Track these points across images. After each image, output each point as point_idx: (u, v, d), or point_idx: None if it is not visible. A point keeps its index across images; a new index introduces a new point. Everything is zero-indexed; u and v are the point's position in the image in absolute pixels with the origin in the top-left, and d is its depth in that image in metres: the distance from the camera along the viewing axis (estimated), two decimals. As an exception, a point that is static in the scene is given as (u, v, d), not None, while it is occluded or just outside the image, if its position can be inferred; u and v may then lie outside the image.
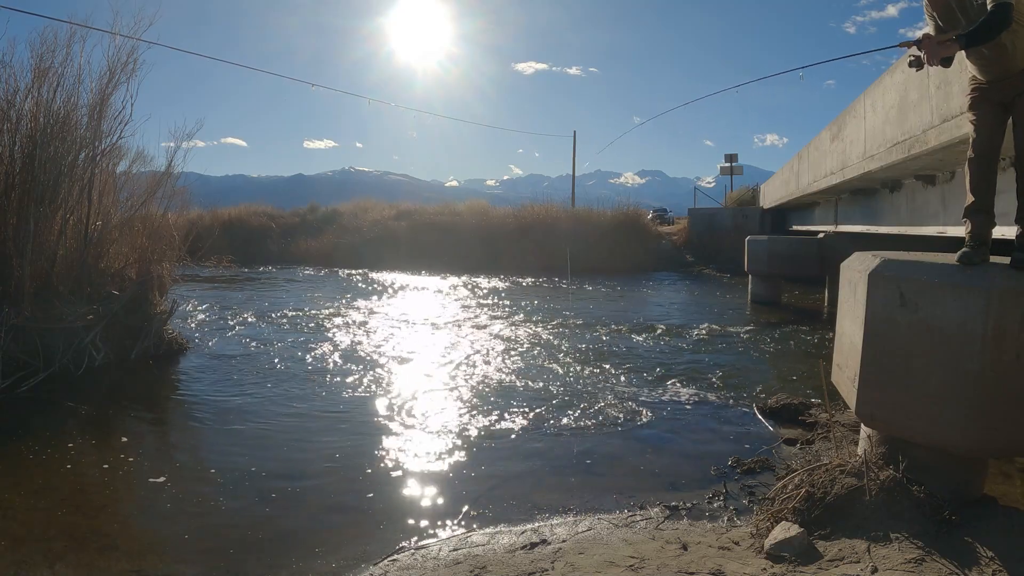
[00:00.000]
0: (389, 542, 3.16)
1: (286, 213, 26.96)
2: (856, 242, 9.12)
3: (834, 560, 2.63)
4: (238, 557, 3.02)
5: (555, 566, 2.80)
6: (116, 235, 7.30)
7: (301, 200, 30.12)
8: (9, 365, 5.79)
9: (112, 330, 6.76)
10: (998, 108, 2.98)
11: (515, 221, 23.07)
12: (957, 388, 2.75)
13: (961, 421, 2.76)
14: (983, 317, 2.65)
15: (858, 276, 3.22)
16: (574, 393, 5.92)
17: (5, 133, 6.48)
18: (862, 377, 3.09)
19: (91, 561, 2.95)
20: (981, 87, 3.04)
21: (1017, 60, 2.88)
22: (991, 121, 3.00)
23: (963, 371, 2.72)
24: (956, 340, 2.73)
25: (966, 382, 2.72)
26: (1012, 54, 2.86)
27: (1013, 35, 2.78)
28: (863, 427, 3.40)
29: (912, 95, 5.05)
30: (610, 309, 12.04)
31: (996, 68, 2.94)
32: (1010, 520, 2.75)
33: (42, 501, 3.57)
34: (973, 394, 2.71)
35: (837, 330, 3.69)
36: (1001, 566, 2.44)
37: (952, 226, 5.69)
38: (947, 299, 2.76)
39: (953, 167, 5.44)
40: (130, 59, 7.00)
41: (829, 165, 8.98)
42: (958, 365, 2.74)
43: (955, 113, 4.10)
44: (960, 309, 2.72)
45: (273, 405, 5.52)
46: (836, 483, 3.00)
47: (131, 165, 7.99)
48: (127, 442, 4.73)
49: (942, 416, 2.80)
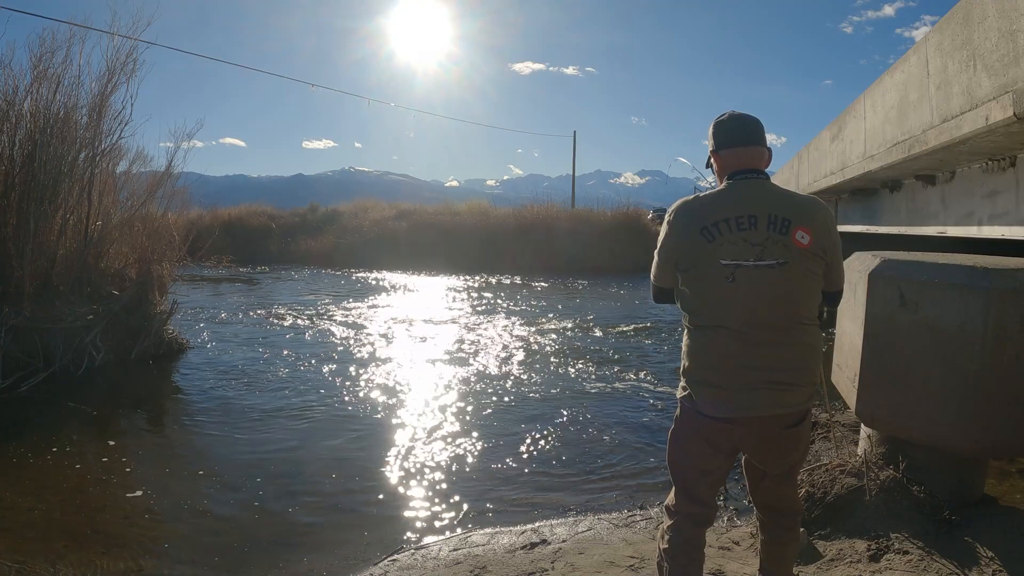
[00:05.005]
0: (389, 542, 3.16)
1: (286, 213, 26.95)
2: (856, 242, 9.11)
3: (834, 560, 2.63)
4: (238, 557, 3.02)
5: (555, 566, 2.80)
6: (116, 235, 7.30)
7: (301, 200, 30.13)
8: (9, 365, 5.79)
9: (112, 330, 6.76)
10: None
11: (515, 221, 23.08)
12: (957, 388, 2.75)
13: (961, 421, 2.75)
14: (983, 317, 2.65)
15: (858, 276, 3.22)
16: (574, 393, 5.92)
17: (5, 133, 6.47)
18: (862, 377, 3.09)
19: (91, 561, 2.95)
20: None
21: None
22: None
23: (963, 371, 2.72)
24: (956, 340, 2.73)
25: (966, 382, 2.72)
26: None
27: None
28: (863, 427, 3.40)
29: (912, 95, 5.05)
30: (610, 309, 12.04)
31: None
32: (1010, 520, 2.74)
33: (42, 501, 3.57)
34: (973, 394, 2.71)
35: (837, 330, 3.69)
36: (1001, 566, 2.44)
37: (952, 226, 5.69)
38: (947, 299, 2.76)
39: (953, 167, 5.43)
40: (129, 59, 7.01)
41: (829, 165, 8.97)
42: (958, 365, 2.74)
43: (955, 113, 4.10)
44: (960, 309, 2.72)
45: (273, 405, 5.52)
46: (836, 483, 3.00)
47: (131, 165, 7.99)
48: (127, 442, 4.73)
49: (942, 416, 2.80)
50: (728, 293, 1.69)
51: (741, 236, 1.69)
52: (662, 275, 1.86)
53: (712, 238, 1.70)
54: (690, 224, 1.75)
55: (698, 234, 1.72)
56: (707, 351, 1.75)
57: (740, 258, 1.68)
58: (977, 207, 5.04)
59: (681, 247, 1.76)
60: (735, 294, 1.69)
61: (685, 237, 1.75)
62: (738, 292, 1.68)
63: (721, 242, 1.69)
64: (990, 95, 3.54)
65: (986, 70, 3.62)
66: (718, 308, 1.72)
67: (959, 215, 5.49)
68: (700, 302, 1.76)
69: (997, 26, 3.46)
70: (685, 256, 1.76)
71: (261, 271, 19.64)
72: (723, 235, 1.69)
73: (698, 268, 1.73)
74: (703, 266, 1.72)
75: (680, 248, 1.77)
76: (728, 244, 1.69)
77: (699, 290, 1.75)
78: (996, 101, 3.43)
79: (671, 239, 1.79)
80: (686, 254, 1.75)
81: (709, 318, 1.74)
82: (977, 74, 3.75)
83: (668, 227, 1.80)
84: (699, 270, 1.73)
